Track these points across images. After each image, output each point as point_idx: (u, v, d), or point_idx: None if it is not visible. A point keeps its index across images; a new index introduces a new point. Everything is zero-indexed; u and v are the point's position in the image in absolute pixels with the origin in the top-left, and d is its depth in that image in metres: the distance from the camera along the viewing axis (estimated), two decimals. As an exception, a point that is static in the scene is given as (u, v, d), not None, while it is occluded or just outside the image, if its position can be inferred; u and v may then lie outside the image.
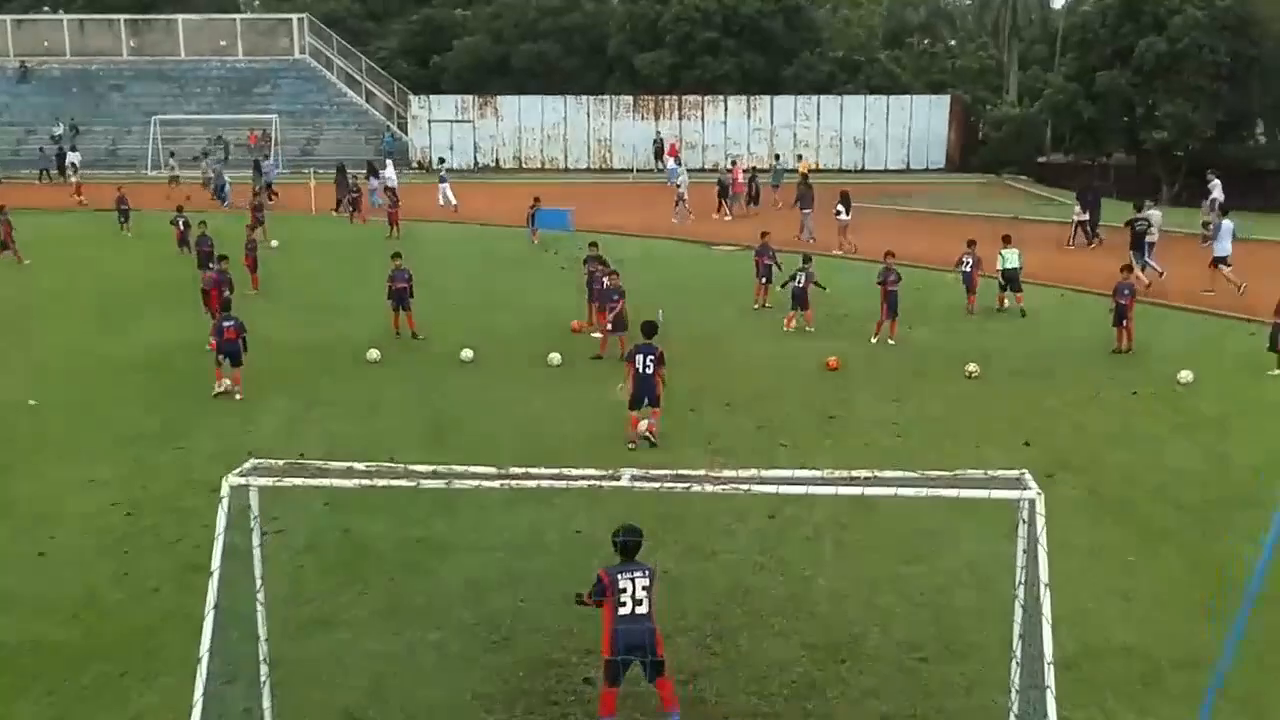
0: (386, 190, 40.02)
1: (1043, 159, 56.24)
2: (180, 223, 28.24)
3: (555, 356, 17.72)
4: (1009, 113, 56.40)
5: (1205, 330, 20.59)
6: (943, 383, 16.70)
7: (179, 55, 63.24)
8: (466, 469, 6.29)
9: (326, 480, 6.26)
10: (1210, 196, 31.26)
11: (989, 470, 6.28)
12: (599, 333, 18.65)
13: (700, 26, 59.65)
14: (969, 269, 21.91)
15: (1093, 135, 47.30)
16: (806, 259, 20.77)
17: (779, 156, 47.43)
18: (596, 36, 65.06)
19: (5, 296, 23.96)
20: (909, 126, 57.18)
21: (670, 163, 43.67)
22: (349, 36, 66.88)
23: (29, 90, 61.05)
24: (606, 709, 7.50)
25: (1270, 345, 17.11)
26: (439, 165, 45.92)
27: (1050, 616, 5.77)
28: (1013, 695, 6.65)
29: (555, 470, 6.29)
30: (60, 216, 38.80)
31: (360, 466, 6.39)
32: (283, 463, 6.41)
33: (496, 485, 6.14)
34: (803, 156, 47.09)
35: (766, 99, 57.53)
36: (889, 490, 5.93)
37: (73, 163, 47.07)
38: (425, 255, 27.13)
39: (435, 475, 6.24)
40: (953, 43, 71.43)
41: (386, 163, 43.76)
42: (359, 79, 63.22)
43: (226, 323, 16.08)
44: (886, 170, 56.20)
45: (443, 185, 40.17)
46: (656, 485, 6.05)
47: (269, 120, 56.37)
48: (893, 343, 19.01)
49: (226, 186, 41.47)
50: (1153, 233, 25.18)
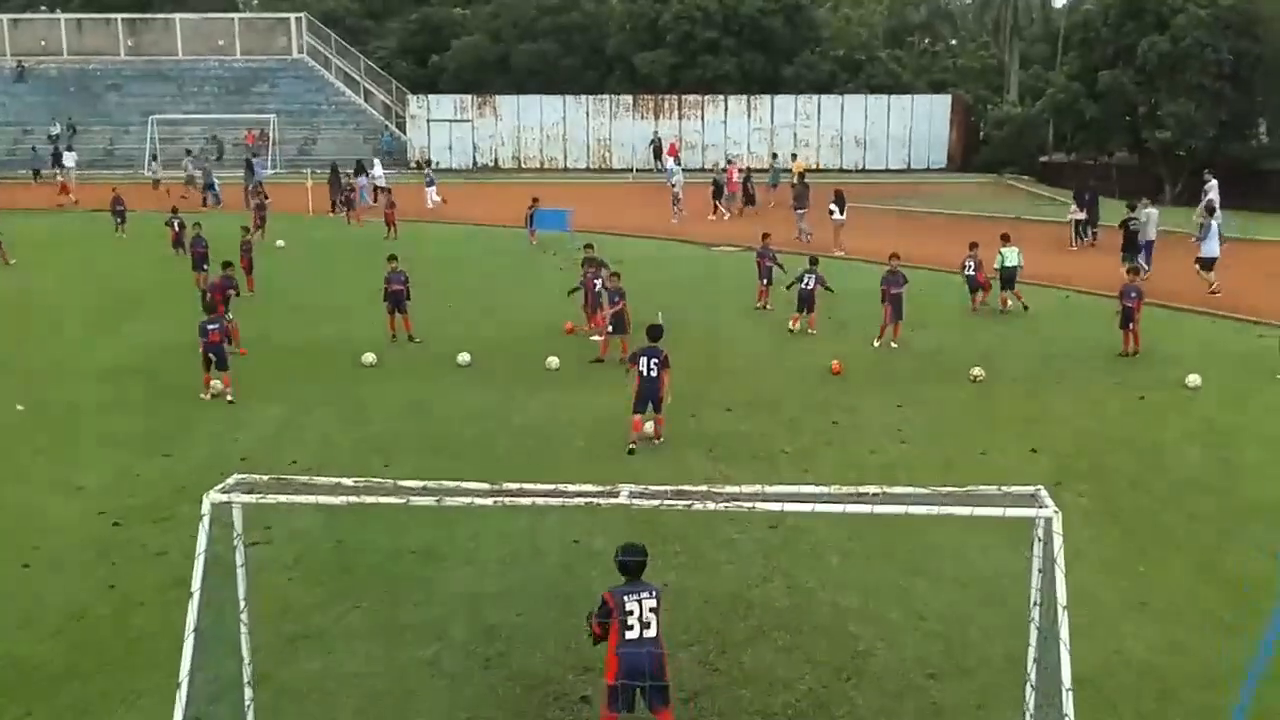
0: (376, 190, 39.83)
1: (1044, 159, 55.92)
2: (175, 223, 27.98)
3: (553, 360, 17.45)
4: (1010, 112, 56.12)
5: (1212, 332, 20.32)
6: (947, 387, 16.44)
7: (176, 55, 63.05)
8: (458, 485, 6.02)
9: (312, 496, 5.99)
10: (1206, 197, 31.05)
11: (1003, 486, 6.01)
12: (598, 335, 18.40)
13: (700, 25, 59.40)
14: (972, 272, 21.75)
15: (1095, 135, 46.99)
16: (814, 260, 20.49)
17: (776, 156, 47.16)
18: (596, 36, 64.81)
19: (-4, 298, 23.74)
20: (910, 126, 56.97)
21: (670, 162, 43.45)
22: (347, 36, 66.66)
23: (26, 90, 60.80)
24: None
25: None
26: (427, 167, 45.59)
27: (1068, 641, 5.51)
28: (1027, 718, 6.40)
29: (551, 486, 6.02)
30: (56, 217, 38.56)
31: (348, 482, 6.13)
32: (267, 477, 6.14)
33: (489, 503, 5.87)
34: (796, 156, 46.75)
35: (767, 98, 57.31)
36: (899, 509, 5.66)
37: (61, 163, 46.62)
38: (423, 256, 26.87)
39: (426, 491, 5.98)
40: (954, 42, 71.22)
41: (375, 161, 43.48)
42: (357, 78, 62.99)
43: (211, 325, 15.70)
44: (888, 170, 55.99)
45: (430, 188, 39.94)
46: (656, 503, 5.78)
47: (267, 120, 56.15)
48: (895, 346, 18.75)
49: (216, 186, 41.19)
50: (1149, 232, 24.94)
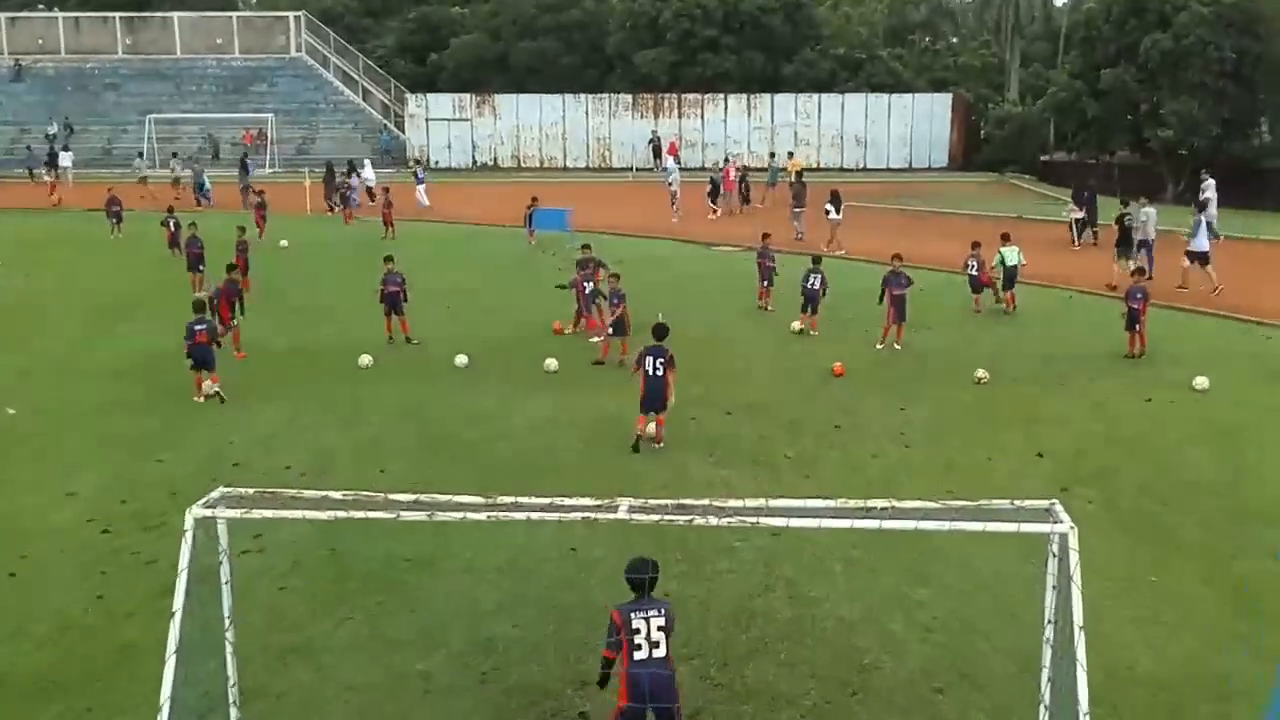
0: (367, 191, 39.58)
1: (1045, 158, 55.69)
2: (171, 224, 27.70)
3: (552, 362, 17.24)
4: (1011, 111, 55.88)
5: (1218, 333, 20.09)
6: (951, 389, 16.23)
7: (175, 53, 62.83)
8: (450, 499, 5.81)
9: (298, 511, 5.77)
10: (1202, 196, 30.89)
11: (1015, 500, 5.80)
12: (597, 337, 18.21)
13: (700, 24, 59.16)
14: (975, 271, 21.58)
15: (1097, 133, 46.76)
16: (817, 260, 20.27)
17: (773, 155, 46.90)
18: (596, 34, 64.57)
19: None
20: (911, 125, 56.73)
21: (669, 162, 43.25)
22: (346, 34, 66.44)
23: (23, 89, 60.59)
24: None
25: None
26: (415, 165, 45.36)
27: (1085, 662, 5.30)
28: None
29: (547, 500, 5.81)
30: (52, 217, 38.33)
31: (337, 495, 5.92)
32: (253, 491, 5.93)
33: (482, 517, 5.66)
34: (793, 155, 46.53)
35: (767, 97, 57.07)
36: (908, 524, 5.45)
37: (49, 163, 46.19)
38: (420, 256, 26.68)
39: (417, 505, 5.77)
40: (954, 40, 70.98)
41: (365, 162, 43.20)
42: (356, 77, 62.77)
43: (198, 326, 15.36)
44: (889, 169, 55.76)
45: (419, 186, 39.66)
46: (656, 518, 5.57)
47: (265, 119, 55.91)
48: (899, 347, 18.54)
49: (207, 185, 40.92)
50: (1148, 231, 24.75)
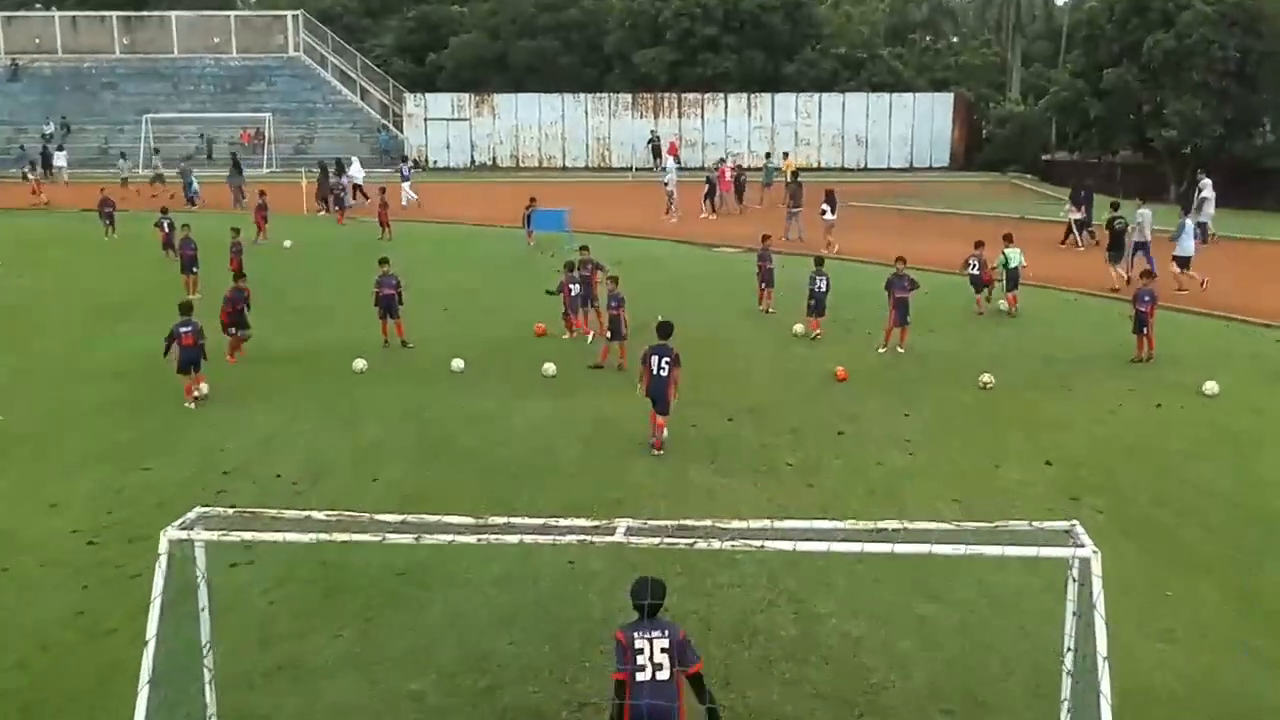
0: (355, 189, 39.26)
1: (1047, 157, 55.41)
2: (165, 224, 27.39)
3: (550, 367, 16.95)
4: (1013, 110, 55.60)
5: (1226, 336, 19.81)
6: (955, 394, 15.94)
7: (172, 53, 62.53)
8: (439, 519, 5.53)
9: (279, 534, 5.49)
10: (1199, 196, 30.77)
11: (1034, 521, 5.51)
12: (595, 336, 17.97)
13: (700, 23, 58.84)
14: (976, 271, 21.32)
15: (1099, 133, 46.48)
16: (820, 262, 19.99)
17: (769, 155, 46.60)
18: (595, 33, 64.27)
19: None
20: (912, 124, 56.41)
21: (669, 161, 42.94)
22: (344, 33, 66.15)
23: (20, 89, 60.31)
24: None
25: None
26: (402, 164, 45.07)
27: (1110, 695, 5.01)
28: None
29: (541, 521, 5.53)
30: (47, 217, 38.04)
31: (320, 515, 5.64)
32: (231, 511, 5.64)
33: (472, 540, 5.37)
34: (788, 155, 46.25)
35: (767, 97, 56.75)
36: (922, 548, 5.16)
37: (34, 164, 45.78)
38: (417, 257, 26.42)
39: (404, 527, 5.49)
40: (955, 39, 70.67)
41: (353, 160, 42.85)
42: (354, 76, 62.47)
43: (184, 328, 15.03)
44: (890, 169, 55.45)
45: (405, 184, 39.34)
46: (655, 541, 5.28)
47: (263, 119, 55.62)
48: (902, 351, 18.26)
49: (194, 185, 40.58)
50: (1144, 232, 24.56)
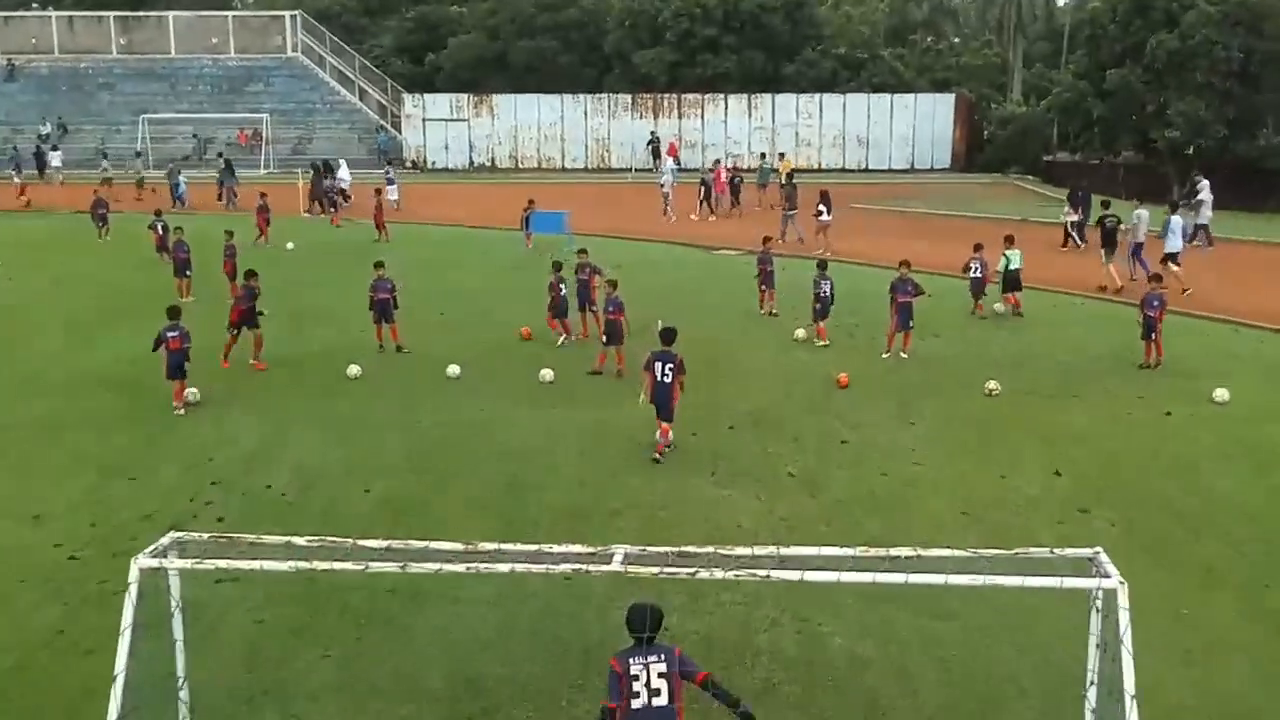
0: (339, 192, 38.94)
1: (1048, 158, 55.08)
2: (159, 226, 27.05)
3: (547, 373, 16.64)
4: (1015, 111, 55.25)
5: (1235, 342, 19.48)
6: (961, 401, 15.63)
7: (170, 53, 62.21)
8: (426, 546, 5.23)
9: (255, 562, 5.18)
10: (1197, 198, 30.63)
11: (1056, 549, 5.21)
12: (586, 339, 17.72)
13: (700, 23, 58.51)
14: (978, 273, 21.02)
15: (1102, 134, 46.16)
16: (822, 265, 19.68)
17: (764, 156, 46.27)
18: (594, 33, 63.95)
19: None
20: (913, 125, 56.05)
21: (668, 162, 42.65)
22: (343, 34, 65.84)
23: (16, 89, 60.01)
24: None
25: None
26: (386, 166, 44.76)
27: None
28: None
29: (534, 548, 5.21)
30: (43, 219, 37.72)
31: (300, 542, 5.33)
32: (206, 536, 5.35)
33: (460, 569, 5.06)
34: (784, 155, 45.91)
35: (768, 97, 56.41)
36: (937, 579, 4.85)
37: (18, 165, 45.35)
38: (414, 260, 26.12)
39: (389, 554, 5.18)
40: (956, 40, 70.35)
41: (340, 162, 42.52)
42: (352, 77, 62.16)
43: (171, 333, 14.70)
44: (891, 170, 55.12)
45: (391, 186, 39.02)
46: (654, 570, 4.98)
47: (260, 119, 55.31)
48: (905, 356, 17.95)
49: (182, 187, 40.22)
50: (1140, 233, 24.35)
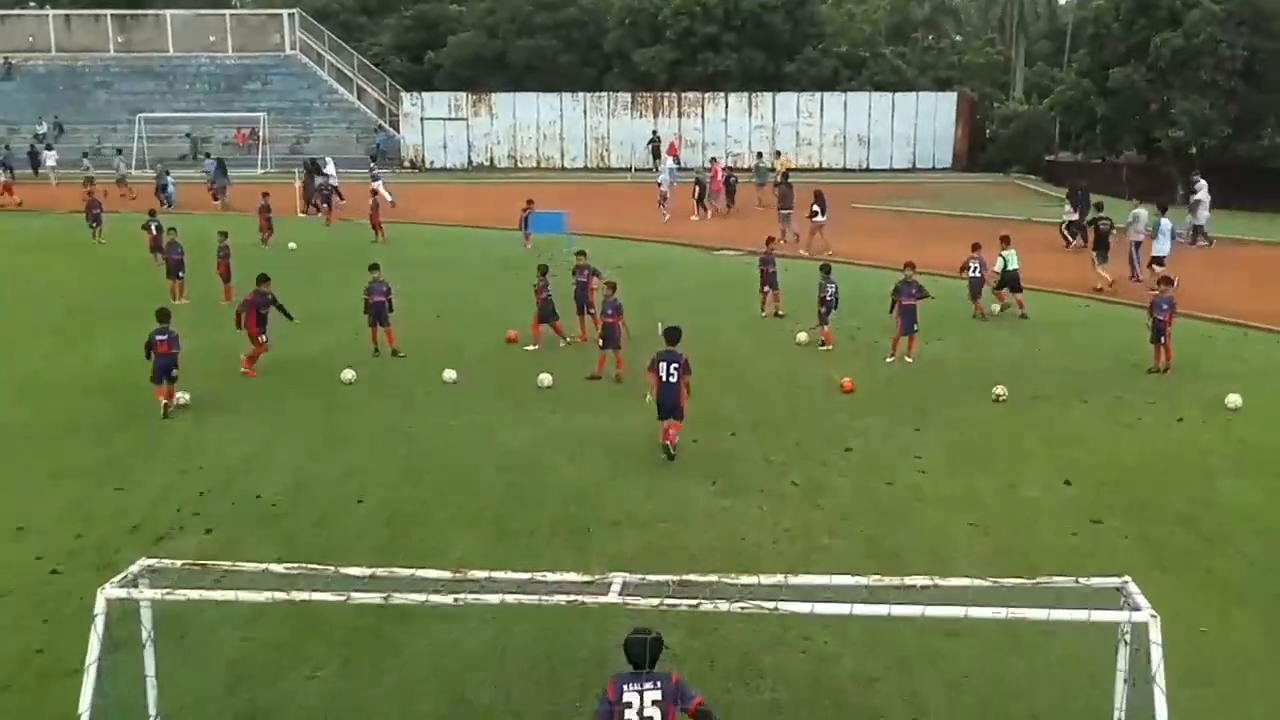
0: (334, 190, 38.59)
1: (1050, 157, 54.79)
2: (153, 227, 26.71)
3: (545, 378, 16.34)
4: (1017, 110, 54.95)
5: (1244, 345, 19.18)
6: (966, 406, 15.33)
7: (167, 51, 61.99)
8: (413, 574, 4.94)
9: (231, 593, 4.88)
10: (1194, 198, 30.49)
11: (1081, 577, 4.90)
12: (562, 339, 17.48)
13: (700, 21, 58.24)
14: (977, 273, 20.76)
15: (1105, 133, 45.88)
16: (826, 268, 19.38)
17: (760, 155, 45.99)
18: (594, 31, 63.67)
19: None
20: (915, 124, 55.73)
21: (669, 162, 42.36)
22: (341, 32, 65.57)
23: (13, 88, 59.79)
24: None
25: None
26: (372, 165, 44.45)
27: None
28: None
29: (526, 576, 4.91)
30: (40, 219, 37.42)
31: (278, 569, 5.04)
32: (180, 564, 5.04)
33: (449, 600, 4.76)
34: (780, 154, 45.53)
35: (768, 96, 56.12)
36: (957, 611, 4.55)
37: (5, 165, 45.01)
38: (410, 261, 25.84)
39: (372, 583, 4.87)
40: (958, 38, 70.08)
41: (327, 160, 42.17)
42: (351, 75, 61.91)
43: (160, 336, 14.47)
44: (892, 169, 54.82)
45: (376, 184, 38.67)
46: (655, 602, 4.67)
47: (258, 118, 55.02)
48: (910, 360, 17.65)
49: (170, 187, 39.86)
50: (1138, 232, 24.14)
